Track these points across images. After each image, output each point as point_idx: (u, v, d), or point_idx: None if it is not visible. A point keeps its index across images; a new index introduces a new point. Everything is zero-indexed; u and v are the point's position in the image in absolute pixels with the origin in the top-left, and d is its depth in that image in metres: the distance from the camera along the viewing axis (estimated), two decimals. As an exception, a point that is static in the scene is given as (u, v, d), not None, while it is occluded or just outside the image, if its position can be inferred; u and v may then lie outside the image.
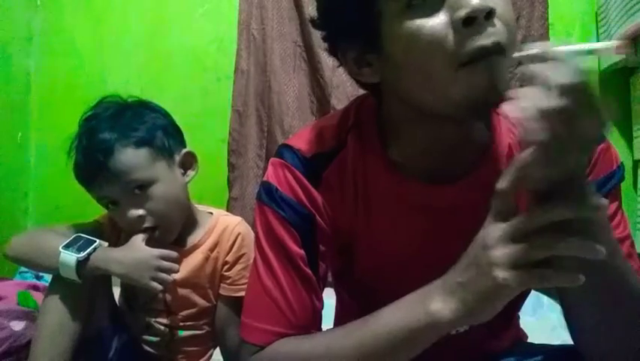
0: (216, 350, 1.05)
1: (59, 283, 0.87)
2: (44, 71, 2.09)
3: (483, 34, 0.50)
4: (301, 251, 0.63)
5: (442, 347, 0.56)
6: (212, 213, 1.04)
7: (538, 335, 0.88)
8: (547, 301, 1.51)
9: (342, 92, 1.83)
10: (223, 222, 1.01)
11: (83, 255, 0.84)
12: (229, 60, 1.95)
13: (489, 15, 0.50)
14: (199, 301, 0.99)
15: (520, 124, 0.43)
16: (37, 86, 2.09)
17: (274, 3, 1.92)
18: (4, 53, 1.96)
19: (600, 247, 0.44)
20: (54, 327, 0.84)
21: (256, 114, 1.93)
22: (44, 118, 2.08)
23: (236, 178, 1.92)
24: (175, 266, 0.90)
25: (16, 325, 1.03)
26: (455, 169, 0.63)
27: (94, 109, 0.94)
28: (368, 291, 0.69)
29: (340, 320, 0.81)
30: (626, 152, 1.67)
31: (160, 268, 0.87)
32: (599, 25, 1.80)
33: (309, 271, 0.64)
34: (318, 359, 0.60)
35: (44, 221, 2.01)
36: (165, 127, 0.95)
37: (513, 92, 0.44)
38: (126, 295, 1.04)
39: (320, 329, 0.66)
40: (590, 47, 0.45)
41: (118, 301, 1.05)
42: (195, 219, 1.01)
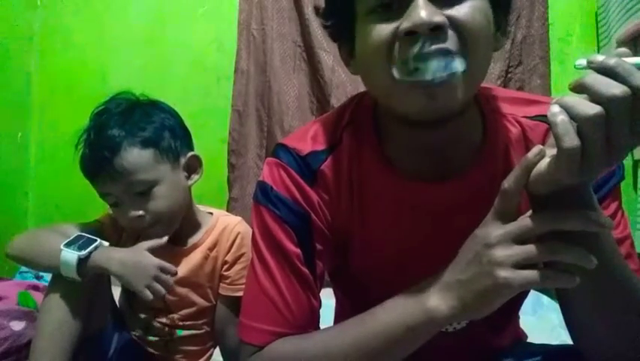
0: (216, 349, 1.05)
1: (59, 283, 0.87)
2: (44, 71, 2.09)
3: (422, 44, 0.49)
4: (297, 250, 0.63)
5: (443, 344, 0.56)
6: (212, 214, 1.05)
7: (538, 335, 0.88)
8: (547, 301, 1.51)
9: (342, 92, 1.83)
10: (223, 222, 1.02)
11: (84, 253, 0.84)
12: (229, 60, 1.95)
13: (436, 28, 0.49)
14: (198, 300, 0.99)
15: (555, 130, 0.42)
16: (37, 86, 2.09)
17: (274, 3, 1.92)
18: (4, 53, 1.96)
19: (593, 258, 0.45)
20: (54, 326, 0.84)
21: (256, 114, 1.93)
22: (44, 118, 2.08)
23: (236, 178, 1.92)
24: (170, 281, 0.89)
25: (16, 325, 1.03)
26: (449, 167, 0.62)
27: (105, 104, 0.95)
28: (363, 288, 0.69)
29: (339, 319, 0.81)
30: (626, 152, 1.67)
31: (157, 279, 0.87)
32: (599, 25, 1.80)
33: (305, 269, 0.63)
34: (317, 358, 0.60)
35: (44, 221, 2.00)
36: (173, 128, 0.95)
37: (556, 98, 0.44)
38: (127, 295, 1.04)
39: (318, 328, 0.66)
40: None
41: (118, 301, 1.05)
42: (195, 219, 1.02)
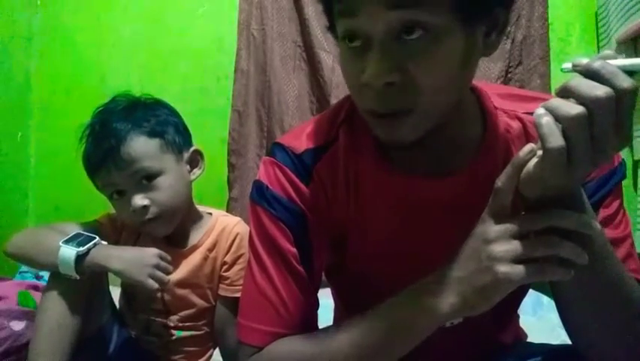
0: (216, 350, 1.05)
1: (57, 281, 0.87)
2: (44, 71, 2.08)
3: (378, 100, 0.53)
4: (293, 249, 0.63)
5: (443, 339, 0.56)
6: (211, 214, 1.05)
7: (538, 335, 0.88)
8: (547, 301, 1.51)
9: (342, 92, 1.83)
10: (222, 222, 1.02)
11: (82, 249, 0.84)
12: (229, 60, 1.95)
13: (388, 85, 0.51)
14: (198, 301, 0.99)
15: (540, 130, 0.43)
16: (37, 86, 2.09)
17: (274, 3, 1.92)
18: (4, 53, 1.96)
19: (584, 254, 0.47)
20: (52, 325, 0.84)
21: (256, 114, 1.93)
22: (44, 118, 2.08)
23: (236, 178, 1.92)
24: (170, 267, 0.90)
25: (16, 325, 1.03)
26: (447, 163, 0.62)
27: (107, 104, 0.96)
28: (361, 286, 0.69)
29: (338, 319, 0.81)
30: (626, 152, 1.66)
31: (158, 267, 0.87)
32: (598, 25, 1.80)
33: (302, 269, 0.63)
34: (316, 358, 0.59)
35: (44, 221, 2.00)
36: (176, 124, 0.97)
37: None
38: (126, 295, 1.04)
39: (317, 327, 0.66)
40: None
41: (118, 301, 1.05)
42: (195, 220, 1.02)
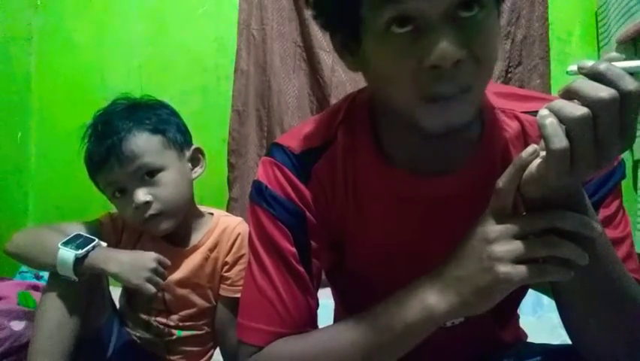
0: (216, 350, 1.05)
1: (57, 281, 0.87)
2: (44, 71, 2.08)
3: (446, 82, 0.50)
4: (293, 249, 0.63)
5: (443, 339, 0.56)
6: (212, 214, 1.05)
7: (538, 335, 0.88)
8: (547, 301, 1.51)
9: (342, 92, 1.83)
10: (223, 222, 1.02)
11: (81, 252, 0.84)
12: (229, 60, 1.95)
13: (457, 63, 0.50)
14: (198, 301, 0.99)
15: (544, 131, 0.43)
16: (37, 86, 2.09)
17: (274, 3, 1.92)
18: (4, 53, 1.96)
19: (585, 255, 0.47)
20: (52, 325, 0.84)
21: (256, 114, 1.93)
22: (44, 118, 2.08)
23: (236, 178, 1.92)
24: (165, 273, 0.90)
25: (16, 325, 1.03)
26: (446, 162, 0.62)
27: (107, 107, 0.97)
28: (361, 286, 0.69)
29: (338, 319, 0.81)
30: (626, 152, 1.67)
31: (156, 271, 0.87)
32: (598, 25, 1.80)
33: (301, 268, 0.63)
34: (316, 357, 0.60)
35: (44, 221, 1.99)
36: (177, 124, 0.98)
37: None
38: (127, 295, 1.04)
39: (316, 327, 0.66)
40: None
41: (118, 300, 1.05)
42: (197, 219, 1.02)
